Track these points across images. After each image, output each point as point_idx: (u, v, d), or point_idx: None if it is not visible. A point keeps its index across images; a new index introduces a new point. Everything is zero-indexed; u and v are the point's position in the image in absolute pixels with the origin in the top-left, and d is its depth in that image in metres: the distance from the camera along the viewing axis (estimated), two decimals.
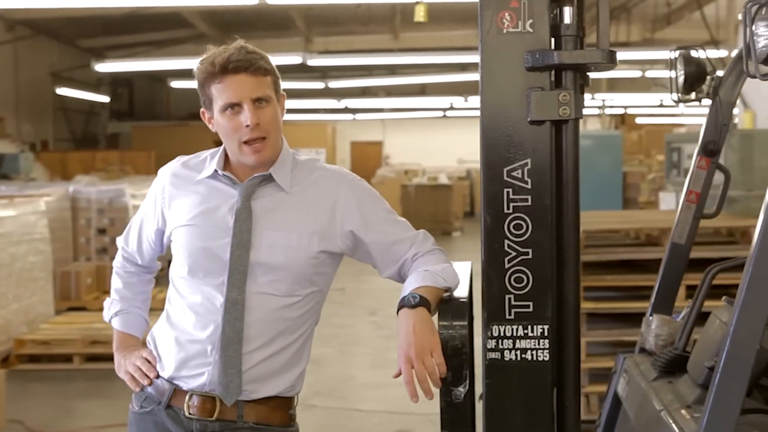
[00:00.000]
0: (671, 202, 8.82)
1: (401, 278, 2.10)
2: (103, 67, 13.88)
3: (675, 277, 2.76)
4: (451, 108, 21.83)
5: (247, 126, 2.02)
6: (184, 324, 2.09)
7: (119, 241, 2.34)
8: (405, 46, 15.61)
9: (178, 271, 2.14)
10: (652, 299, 2.78)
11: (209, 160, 2.16)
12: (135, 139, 20.55)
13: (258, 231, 2.05)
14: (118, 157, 16.72)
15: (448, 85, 18.50)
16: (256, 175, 2.09)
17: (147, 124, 21.18)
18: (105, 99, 19.08)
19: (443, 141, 24.79)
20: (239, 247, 2.03)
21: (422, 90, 20.79)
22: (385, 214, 2.15)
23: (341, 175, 2.17)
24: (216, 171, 2.11)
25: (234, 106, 2.03)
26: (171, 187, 2.18)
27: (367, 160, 24.92)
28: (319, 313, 2.19)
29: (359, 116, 23.78)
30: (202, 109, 2.13)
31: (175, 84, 17.12)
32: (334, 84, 17.24)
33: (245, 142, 2.04)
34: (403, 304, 1.91)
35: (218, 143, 2.17)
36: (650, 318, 2.72)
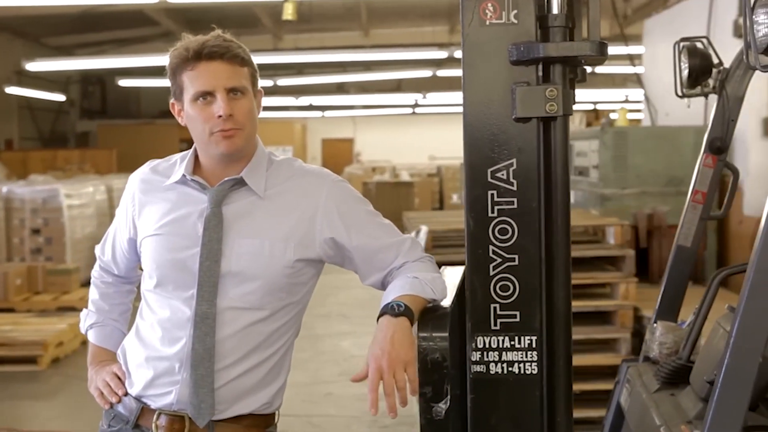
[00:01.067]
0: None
1: (384, 287, 1.99)
2: (42, 65, 13.63)
3: (680, 282, 2.64)
4: (416, 105, 21.54)
5: (220, 117, 1.91)
6: (152, 340, 2.00)
7: (97, 249, 2.25)
8: (376, 43, 15.51)
9: (146, 283, 2.05)
10: (657, 305, 2.66)
11: (179, 163, 2.06)
12: (101, 137, 20.40)
13: (229, 239, 1.95)
14: (79, 156, 16.68)
15: (423, 81, 18.35)
16: (227, 179, 1.98)
17: (113, 123, 21.01)
18: (61, 97, 18.50)
19: (414, 137, 24.74)
20: (208, 257, 1.93)
21: (398, 86, 20.57)
22: (369, 217, 2.04)
23: (321, 176, 2.06)
24: (184, 176, 2.01)
25: (206, 95, 1.92)
26: (140, 193, 2.08)
27: (338, 157, 24.79)
28: (298, 326, 2.09)
29: (331, 113, 23.63)
30: (171, 101, 2.02)
31: (123, 83, 16.76)
32: (305, 80, 17.02)
33: (217, 132, 1.93)
34: (385, 311, 1.81)
35: (186, 142, 2.07)
36: (654, 325, 2.60)
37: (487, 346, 1.85)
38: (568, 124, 1.88)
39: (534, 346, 1.84)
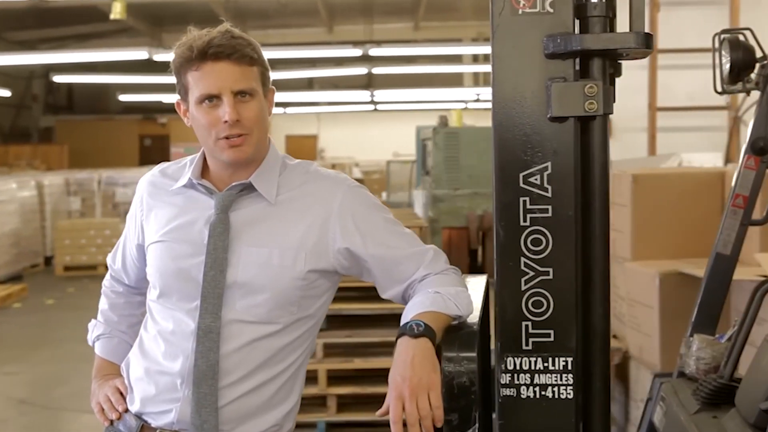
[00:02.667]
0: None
1: (405, 301, 1.85)
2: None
3: (719, 292, 2.49)
4: (370, 102, 21.22)
5: (226, 122, 1.78)
6: (155, 353, 1.87)
7: (108, 258, 2.12)
8: (342, 39, 15.31)
9: (150, 293, 1.93)
10: (693, 316, 2.51)
11: (188, 166, 1.93)
12: (60, 133, 20.26)
13: (236, 248, 1.81)
14: (30, 151, 16.54)
15: (395, 77, 18.11)
16: (235, 183, 1.84)
17: (71, 118, 20.81)
18: (6, 93, 17.86)
19: (379, 134, 24.51)
20: (213, 266, 1.80)
21: (368, 83, 20.35)
22: (388, 225, 1.89)
23: (336, 180, 1.91)
24: (191, 179, 1.87)
25: (212, 98, 1.79)
26: (148, 197, 1.96)
27: (302, 154, 24.15)
28: (312, 342, 1.94)
29: (294, 110, 23.24)
30: (177, 100, 1.90)
31: (58, 78, 16.23)
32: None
33: (222, 138, 1.80)
34: (403, 332, 1.66)
35: (149, 138, 1.93)
36: (690, 338, 2.45)
37: (517, 367, 1.70)
38: (607, 124, 1.73)
39: (569, 368, 1.70)
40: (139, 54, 11.57)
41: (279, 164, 1.90)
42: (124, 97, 17.77)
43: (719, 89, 2.44)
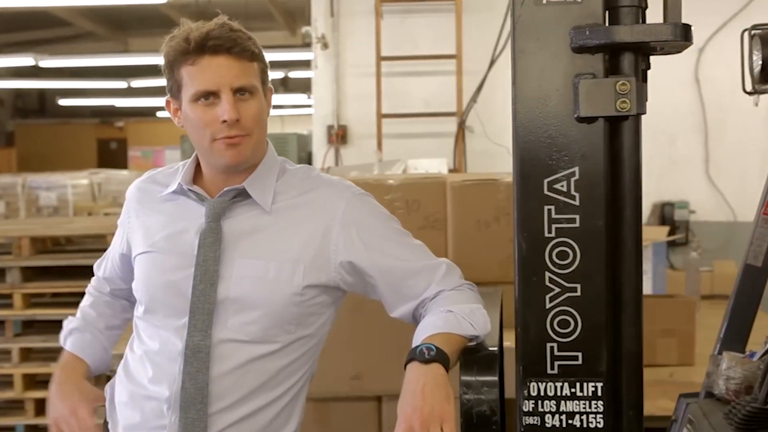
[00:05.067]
0: None
1: (416, 321, 1.70)
2: None
3: (749, 307, 2.34)
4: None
5: (224, 121, 1.63)
6: (140, 376, 1.72)
7: (95, 266, 1.98)
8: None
9: (137, 309, 1.79)
10: (722, 332, 2.36)
11: (179, 171, 1.79)
12: (19, 137, 20.02)
13: (228, 260, 1.67)
14: None
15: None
16: (227, 188, 1.70)
17: (29, 122, 20.59)
18: None
19: None
20: (203, 279, 1.66)
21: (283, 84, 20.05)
22: (396, 236, 1.75)
23: (339, 187, 1.78)
24: (181, 185, 1.73)
25: (209, 96, 1.65)
26: (136, 204, 1.83)
27: None
28: (314, 364, 1.80)
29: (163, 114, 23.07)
30: (167, 98, 1.75)
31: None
32: (136, 83, 16.41)
33: (219, 139, 1.66)
34: (413, 357, 1.52)
35: (114, 141, 1.78)
36: (719, 356, 2.30)
37: (542, 393, 1.56)
38: (640, 125, 1.58)
39: (599, 393, 1.56)
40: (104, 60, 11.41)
41: (276, 169, 1.76)
42: (67, 102, 17.64)
43: (749, 89, 2.30)
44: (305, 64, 7.05)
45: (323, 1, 5.61)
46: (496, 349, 1.58)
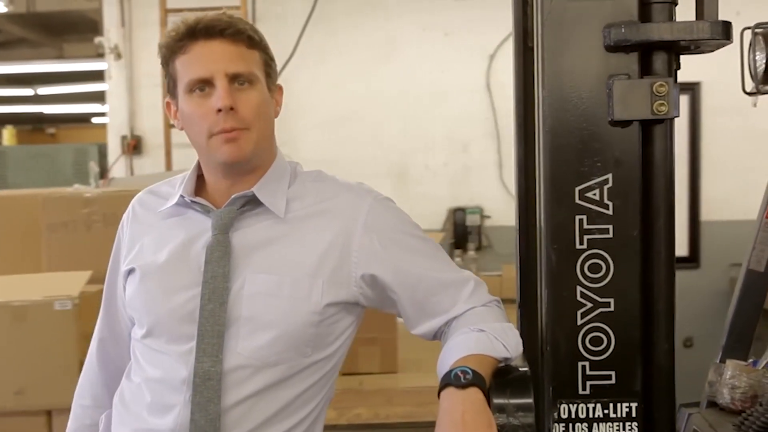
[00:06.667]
0: None
1: (437, 338, 1.58)
2: None
3: (752, 313, 2.29)
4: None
5: (219, 111, 1.49)
6: (139, 407, 1.57)
7: (94, 333, 1.79)
8: None
9: (135, 331, 1.63)
10: (724, 340, 2.30)
11: (179, 183, 1.65)
12: None
13: (239, 275, 1.53)
14: None
15: None
16: (235, 196, 1.56)
17: None
18: None
19: None
20: (212, 299, 1.51)
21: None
22: (422, 246, 1.62)
23: (359, 193, 1.63)
24: (182, 197, 1.59)
25: (204, 85, 1.51)
26: (132, 221, 1.68)
27: None
28: (331, 388, 1.66)
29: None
30: (166, 100, 1.61)
31: None
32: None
33: (217, 133, 1.52)
34: (448, 382, 1.38)
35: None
36: (721, 364, 2.24)
37: (573, 415, 1.47)
38: (673, 129, 1.50)
39: (633, 415, 1.47)
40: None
41: (287, 173, 1.62)
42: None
43: (749, 89, 2.24)
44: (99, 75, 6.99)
45: (115, 11, 5.56)
46: (527, 369, 1.48)
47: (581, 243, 1.45)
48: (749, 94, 2.27)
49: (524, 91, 1.75)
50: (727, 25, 1.43)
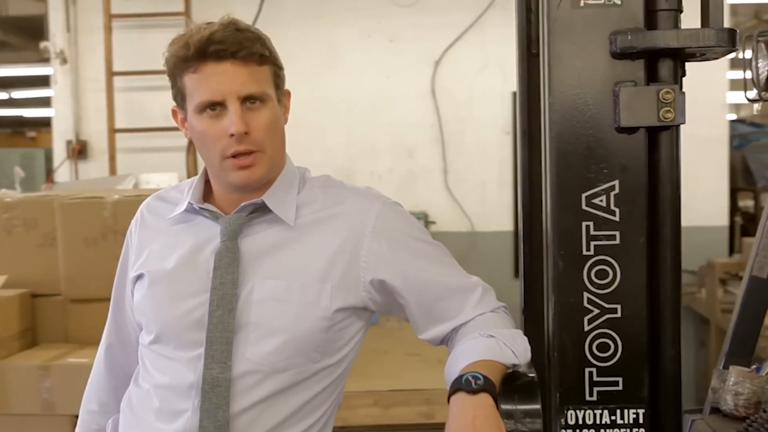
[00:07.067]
0: None
1: (444, 343, 1.58)
2: None
3: (755, 319, 2.28)
4: None
5: (232, 135, 1.49)
6: (147, 413, 1.56)
7: (102, 340, 1.78)
8: None
9: (143, 337, 1.63)
10: (726, 346, 2.30)
11: (187, 189, 1.64)
12: None
13: (247, 281, 1.53)
14: None
15: None
16: (245, 203, 1.56)
17: None
18: None
19: None
20: (220, 305, 1.51)
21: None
22: (431, 251, 1.62)
23: (367, 197, 1.63)
24: (191, 203, 1.59)
25: (215, 106, 1.50)
26: (142, 226, 1.67)
27: None
28: (340, 394, 1.65)
29: None
30: (173, 107, 1.60)
31: None
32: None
33: (230, 156, 1.52)
34: (458, 387, 1.37)
35: None
36: (724, 371, 2.24)
37: (580, 421, 1.48)
38: (679, 135, 1.51)
39: (641, 421, 1.48)
40: None
41: (296, 179, 1.62)
42: None
43: (752, 96, 2.25)
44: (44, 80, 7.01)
45: (60, 16, 5.56)
46: (534, 375, 1.49)
47: (588, 249, 1.46)
48: (753, 101, 2.28)
49: (528, 97, 1.74)
50: (732, 33, 1.44)
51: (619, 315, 1.46)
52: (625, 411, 1.47)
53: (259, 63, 1.51)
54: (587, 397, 1.47)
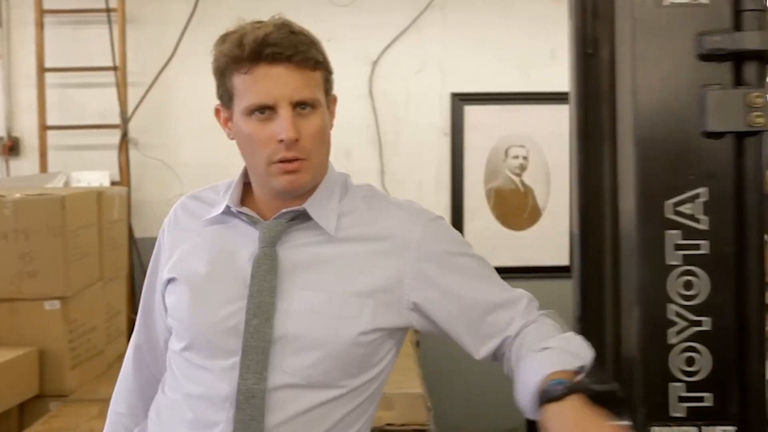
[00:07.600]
0: None
1: (496, 358, 1.51)
2: None
3: None
4: None
5: (281, 141, 1.43)
6: (177, 424, 1.49)
7: (132, 341, 1.72)
8: None
9: (172, 343, 1.55)
10: None
11: (223, 191, 1.58)
12: None
13: (286, 291, 1.45)
14: None
15: None
16: (285, 210, 1.50)
17: None
18: None
19: None
20: (257, 314, 1.44)
21: None
22: (476, 266, 1.54)
23: (411, 212, 1.56)
24: (229, 207, 1.52)
25: (264, 110, 1.44)
26: (174, 226, 1.60)
27: None
28: (375, 408, 1.58)
29: None
30: (216, 105, 1.53)
31: None
32: None
33: (276, 162, 1.45)
34: (546, 399, 1.30)
35: None
36: None
37: None
38: (762, 140, 1.45)
39: None
40: None
41: (338, 187, 1.56)
42: None
43: None
44: None
45: None
46: (615, 386, 1.42)
47: (674, 259, 1.40)
48: None
49: (584, 98, 1.68)
50: None
51: (708, 328, 1.40)
52: (716, 428, 1.41)
53: (312, 68, 1.46)
54: (673, 413, 1.41)
